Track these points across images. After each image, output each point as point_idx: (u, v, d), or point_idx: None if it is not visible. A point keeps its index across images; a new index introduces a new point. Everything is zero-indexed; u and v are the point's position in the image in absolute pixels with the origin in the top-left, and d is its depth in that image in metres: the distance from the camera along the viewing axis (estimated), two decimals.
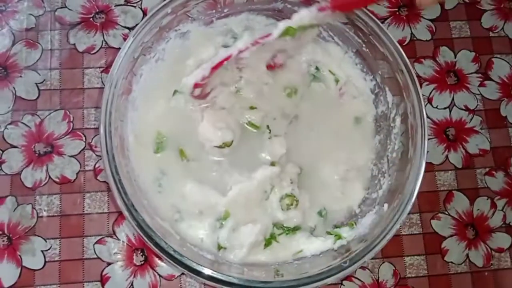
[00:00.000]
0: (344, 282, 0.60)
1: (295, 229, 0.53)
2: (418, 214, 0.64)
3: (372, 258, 0.50)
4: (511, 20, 0.72)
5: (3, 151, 0.61)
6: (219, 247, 0.50)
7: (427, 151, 0.50)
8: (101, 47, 0.66)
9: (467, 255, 0.63)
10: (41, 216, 0.59)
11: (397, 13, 0.71)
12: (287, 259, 0.51)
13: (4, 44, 0.64)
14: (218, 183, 0.52)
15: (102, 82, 0.64)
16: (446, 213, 0.64)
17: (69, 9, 0.67)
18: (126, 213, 0.46)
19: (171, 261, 0.45)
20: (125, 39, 0.65)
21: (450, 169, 0.65)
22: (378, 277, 0.61)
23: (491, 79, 0.69)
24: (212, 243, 0.50)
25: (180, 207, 0.52)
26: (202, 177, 0.52)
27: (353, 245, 0.48)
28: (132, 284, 0.58)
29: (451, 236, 0.63)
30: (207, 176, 0.53)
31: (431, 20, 0.71)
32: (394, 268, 0.61)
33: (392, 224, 0.47)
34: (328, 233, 0.53)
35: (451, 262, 0.62)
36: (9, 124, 0.62)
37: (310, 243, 0.51)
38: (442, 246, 0.63)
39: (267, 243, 0.51)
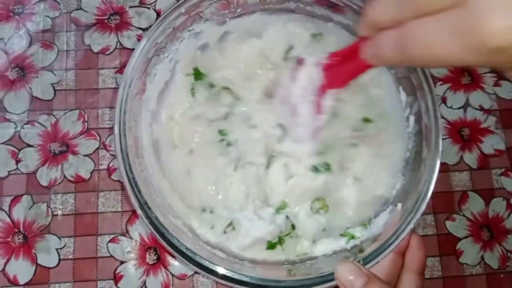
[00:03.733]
0: None
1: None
2: (433, 215, 0.63)
3: None
4: None
5: (19, 150, 0.62)
6: (224, 231, 0.50)
7: (442, 151, 0.49)
8: (115, 48, 0.67)
9: (482, 257, 0.62)
10: (56, 215, 0.60)
11: None
12: (295, 260, 0.51)
13: (21, 46, 0.66)
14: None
15: (116, 82, 0.65)
16: (461, 214, 0.63)
17: (84, 10, 0.68)
18: (139, 211, 0.46)
19: (183, 259, 0.45)
20: (139, 40, 0.66)
21: (465, 170, 0.65)
22: None
23: (506, 79, 0.69)
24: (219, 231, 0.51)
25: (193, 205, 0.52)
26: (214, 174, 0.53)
27: (366, 245, 0.48)
28: (145, 283, 0.59)
29: (466, 237, 0.62)
30: (220, 174, 0.53)
31: None
32: None
33: (406, 224, 0.46)
34: (341, 235, 0.52)
35: (466, 263, 0.61)
36: (26, 123, 0.63)
37: (320, 245, 0.51)
38: (457, 247, 0.62)
39: (270, 246, 0.51)
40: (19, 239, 0.59)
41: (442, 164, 0.64)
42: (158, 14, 0.68)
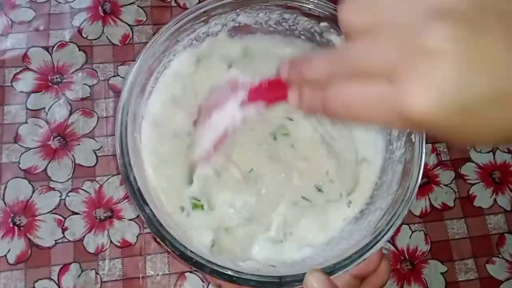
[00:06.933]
0: None
1: None
2: (473, 259, 0.64)
3: None
4: None
5: (65, 218, 0.63)
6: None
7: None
8: None
9: None
10: (105, 281, 0.61)
11: None
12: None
13: (62, 114, 0.67)
14: None
15: None
16: (500, 256, 0.65)
17: (121, 77, 0.70)
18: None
19: (191, 264, 0.44)
20: None
21: (499, 212, 0.66)
22: None
23: None
24: None
25: None
26: None
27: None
28: None
29: (507, 279, 0.64)
30: None
31: None
32: None
33: (376, 241, 0.45)
34: None
35: None
36: (70, 191, 0.64)
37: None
38: None
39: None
40: None
41: (477, 207, 0.66)
42: None
